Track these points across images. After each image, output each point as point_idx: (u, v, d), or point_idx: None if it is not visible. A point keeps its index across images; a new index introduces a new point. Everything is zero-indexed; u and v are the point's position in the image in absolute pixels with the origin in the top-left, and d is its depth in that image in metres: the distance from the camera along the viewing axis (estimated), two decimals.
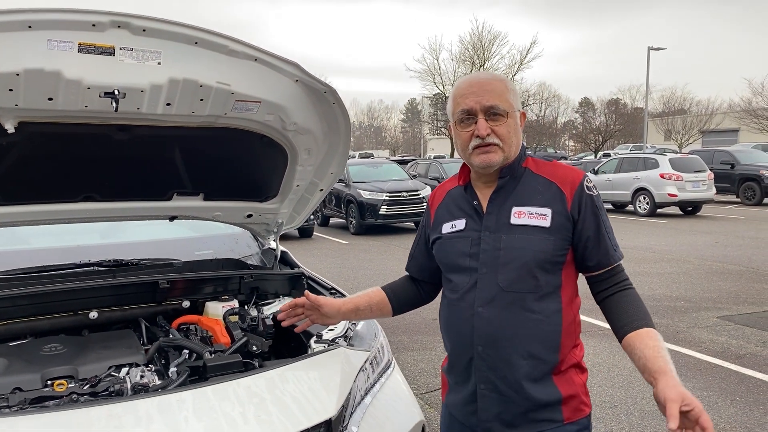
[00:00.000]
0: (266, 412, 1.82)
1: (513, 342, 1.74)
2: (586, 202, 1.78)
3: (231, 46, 2.22)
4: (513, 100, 1.81)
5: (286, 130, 2.59)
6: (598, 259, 1.79)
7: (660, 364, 1.60)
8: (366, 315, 2.10)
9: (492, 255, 1.78)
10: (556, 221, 1.75)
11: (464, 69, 45.93)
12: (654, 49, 35.56)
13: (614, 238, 1.82)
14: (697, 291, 8.28)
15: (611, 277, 1.80)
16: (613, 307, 1.79)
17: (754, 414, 4.41)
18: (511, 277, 1.75)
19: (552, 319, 1.76)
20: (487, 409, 1.80)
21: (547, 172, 1.84)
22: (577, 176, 1.81)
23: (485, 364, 1.78)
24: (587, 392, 1.86)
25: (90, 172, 2.51)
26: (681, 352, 5.76)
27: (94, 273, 2.79)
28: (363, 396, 2.18)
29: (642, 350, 1.66)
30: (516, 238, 1.76)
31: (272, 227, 3.21)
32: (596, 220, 1.78)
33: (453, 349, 1.88)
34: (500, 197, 1.82)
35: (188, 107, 2.31)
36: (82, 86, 2.05)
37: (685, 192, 17.41)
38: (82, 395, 2.08)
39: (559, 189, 1.79)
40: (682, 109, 55.80)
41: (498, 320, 1.75)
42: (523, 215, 1.77)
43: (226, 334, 2.59)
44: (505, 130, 1.78)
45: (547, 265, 1.75)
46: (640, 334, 1.70)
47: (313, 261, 11.03)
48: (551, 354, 1.76)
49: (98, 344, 2.38)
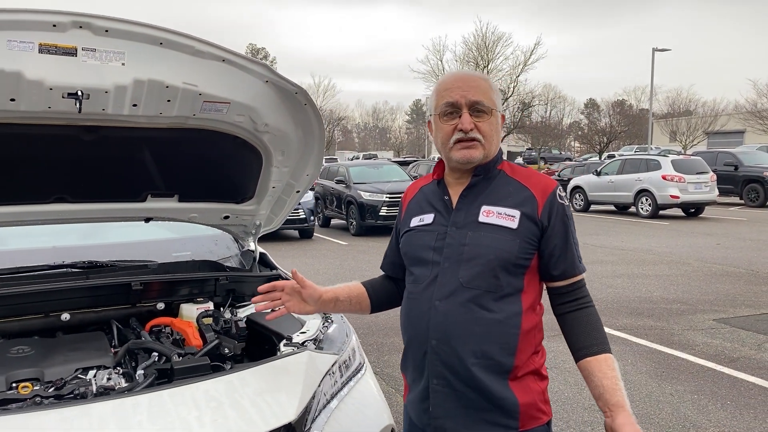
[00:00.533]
0: (223, 417, 1.80)
1: (467, 338, 1.73)
2: (557, 211, 1.78)
3: (197, 47, 2.21)
4: (496, 100, 1.83)
5: (258, 131, 2.57)
6: (563, 268, 1.79)
7: (618, 398, 1.66)
8: (345, 307, 2.06)
9: (456, 250, 1.78)
10: (523, 224, 1.75)
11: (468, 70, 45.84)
12: (659, 50, 35.44)
13: (579, 251, 1.83)
14: (694, 293, 8.23)
15: (573, 291, 1.80)
16: (573, 325, 1.79)
17: (744, 418, 4.36)
18: (472, 273, 1.75)
19: (510, 321, 1.75)
20: (439, 405, 1.78)
21: (522, 177, 1.85)
22: (550, 184, 1.83)
23: (438, 358, 1.76)
24: (547, 400, 1.82)
25: (60, 174, 2.50)
26: (674, 354, 5.72)
27: (68, 275, 2.77)
28: (329, 400, 2.16)
29: (600, 379, 1.70)
30: (482, 235, 1.76)
31: (250, 229, 3.19)
32: (565, 229, 1.79)
33: (409, 342, 1.88)
34: (471, 195, 1.83)
35: (155, 108, 2.29)
36: (44, 87, 2.04)
37: (687, 194, 17.33)
38: (47, 398, 2.06)
39: (531, 194, 1.80)
40: (688, 111, 55.62)
41: (454, 315, 1.75)
42: (492, 214, 1.78)
43: (198, 337, 2.57)
44: (488, 127, 1.79)
45: (510, 266, 1.75)
46: (598, 360, 1.72)
47: (312, 262, 11.02)
48: (506, 356, 1.74)
49: (67, 346, 2.37)
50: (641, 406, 4.56)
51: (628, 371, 5.30)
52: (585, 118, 66.39)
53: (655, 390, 4.87)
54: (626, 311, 7.32)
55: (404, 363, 1.93)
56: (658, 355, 5.74)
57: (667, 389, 4.89)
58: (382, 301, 2.10)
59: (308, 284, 1.99)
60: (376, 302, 2.09)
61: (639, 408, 4.52)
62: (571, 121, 69.42)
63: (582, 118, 67.47)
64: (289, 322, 2.63)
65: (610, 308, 7.46)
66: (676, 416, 4.39)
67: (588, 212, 20.39)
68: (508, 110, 47.63)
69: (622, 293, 8.26)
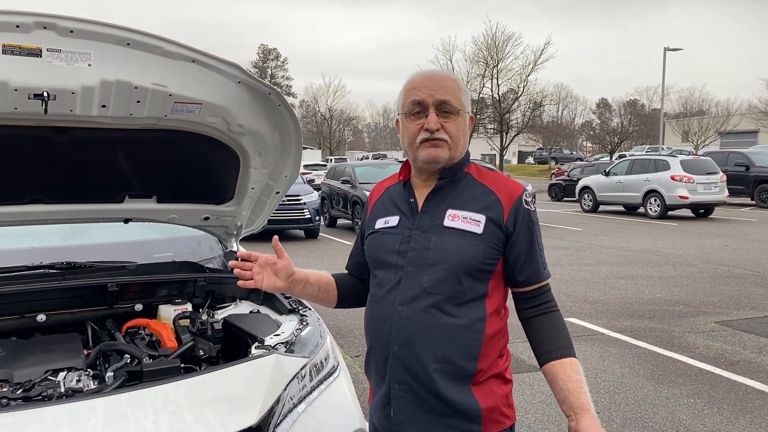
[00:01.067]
0: (181, 421, 1.78)
1: (429, 344, 1.71)
2: (522, 216, 1.76)
3: (165, 47, 2.19)
4: (464, 101, 1.79)
5: (232, 132, 2.55)
6: (528, 274, 1.77)
7: (583, 402, 1.65)
8: (313, 292, 2.01)
9: (420, 254, 1.76)
10: (488, 229, 1.73)
11: (478, 69, 45.74)
12: (670, 49, 35.16)
13: (544, 257, 1.81)
14: (698, 295, 8.14)
15: (538, 296, 1.79)
16: (538, 329, 1.77)
17: (740, 422, 4.30)
18: (436, 278, 1.72)
19: (473, 327, 1.72)
20: (400, 410, 1.76)
21: (488, 181, 1.82)
22: (516, 189, 1.79)
23: (400, 363, 1.74)
24: (510, 404, 1.80)
25: (34, 175, 2.49)
26: (673, 357, 5.65)
27: (45, 275, 2.77)
28: (296, 404, 2.13)
29: (565, 382, 1.68)
30: (446, 240, 1.74)
31: (232, 230, 3.18)
32: (530, 235, 1.77)
33: (371, 347, 1.86)
34: (437, 198, 1.81)
35: (125, 109, 2.28)
36: (9, 88, 2.03)
37: (696, 194, 17.18)
38: (15, 399, 2.05)
39: (497, 198, 1.77)
40: (701, 111, 55.18)
41: (416, 320, 1.72)
42: (457, 219, 1.75)
43: (173, 338, 2.56)
44: (455, 128, 1.76)
45: (474, 272, 1.73)
46: (563, 364, 1.71)
47: (316, 262, 11.00)
48: (468, 362, 1.71)
49: (39, 348, 2.36)
50: (635, 410, 4.50)
51: (626, 374, 5.24)
52: (597, 118, 66.06)
53: (651, 393, 4.81)
54: (627, 313, 7.24)
55: (367, 367, 1.91)
56: (656, 357, 5.68)
57: (664, 392, 4.83)
58: (348, 296, 2.07)
59: (285, 257, 1.94)
60: (342, 296, 2.06)
61: (633, 411, 4.47)
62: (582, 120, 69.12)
63: (594, 118, 67.14)
64: (265, 324, 2.61)
65: (611, 310, 7.39)
66: (670, 420, 4.33)
67: (596, 213, 20.26)
68: (519, 110, 47.51)
69: (625, 295, 8.18)
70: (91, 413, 1.73)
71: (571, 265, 10.27)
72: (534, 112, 48.96)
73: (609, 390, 4.89)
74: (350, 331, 6.36)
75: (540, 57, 44.20)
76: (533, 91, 46.85)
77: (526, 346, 1.79)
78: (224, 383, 1.97)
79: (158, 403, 1.82)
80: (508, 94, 47.11)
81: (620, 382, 5.05)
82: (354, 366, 5.31)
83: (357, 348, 5.83)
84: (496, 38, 44.98)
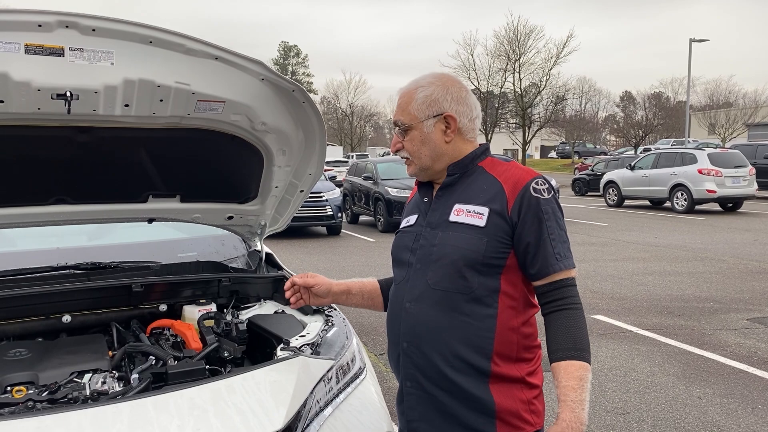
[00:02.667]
0: (207, 425, 1.75)
1: (436, 340, 1.70)
2: (529, 205, 1.68)
3: (188, 45, 2.16)
4: (417, 110, 1.76)
5: (256, 130, 2.52)
6: (539, 266, 1.69)
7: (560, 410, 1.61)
8: (357, 301, 2.09)
9: (426, 251, 1.75)
10: (492, 221, 1.68)
11: (499, 64, 45.45)
12: (696, 41, 34.50)
13: (561, 246, 1.70)
14: (728, 291, 7.97)
15: (552, 291, 1.70)
16: (549, 327, 1.71)
17: None
18: (439, 274, 1.71)
19: (483, 324, 1.68)
20: (412, 408, 1.76)
21: (498, 172, 1.77)
22: (524, 177, 1.72)
23: (410, 361, 1.75)
24: (534, 410, 1.73)
25: (58, 175, 2.48)
26: (704, 356, 5.53)
27: (70, 276, 2.76)
28: (322, 407, 2.09)
29: (557, 387, 1.65)
30: (450, 235, 1.72)
31: (255, 229, 3.14)
32: (539, 224, 1.68)
33: (388, 344, 1.88)
34: (446, 194, 1.80)
35: (148, 108, 2.26)
36: (32, 88, 2.01)
37: (724, 188, 16.89)
38: (40, 402, 2.04)
39: (501, 189, 1.71)
40: (728, 102, 54.22)
41: (423, 317, 1.72)
42: (462, 213, 1.73)
43: (198, 340, 2.53)
44: (409, 144, 1.79)
45: (479, 266, 1.67)
46: (560, 367, 1.65)
47: (338, 259, 10.99)
48: (481, 359, 1.67)
49: (64, 349, 2.34)
50: (667, 410, 4.40)
51: (655, 372, 5.13)
52: (620, 111, 65.25)
53: (682, 393, 4.70)
54: (656, 310, 7.11)
55: (389, 363, 1.92)
56: (687, 356, 5.56)
57: (695, 392, 4.72)
58: None
59: (312, 283, 2.07)
60: (388, 300, 2.02)
61: (664, 412, 4.37)
62: (606, 114, 68.36)
63: (617, 111, 66.33)
64: (290, 325, 2.58)
65: (639, 307, 7.26)
66: (702, 420, 4.22)
67: (622, 207, 20.00)
68: (541, 104, 47.12)
69: (653, 291, 8.04)
70: (116, 418, 1.70)
71: (596, 261, 10.13)
72: (557, 106, 48.54)
73: (639, 389, 4.79)
74: (374, 328, 6.32)
75: (563, 50, 43.83)
76: (556, 85, 46.48)
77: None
78: (250, 387, 1.94)
79: (183, 407, 1.79)
80: (530, 88, 46.77)
81: (650, 381, 4.94)
82: (378, 364, 5.27)
83: (381, 346, 5.79)
84: (518, 31, 44.68)
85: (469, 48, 52.44)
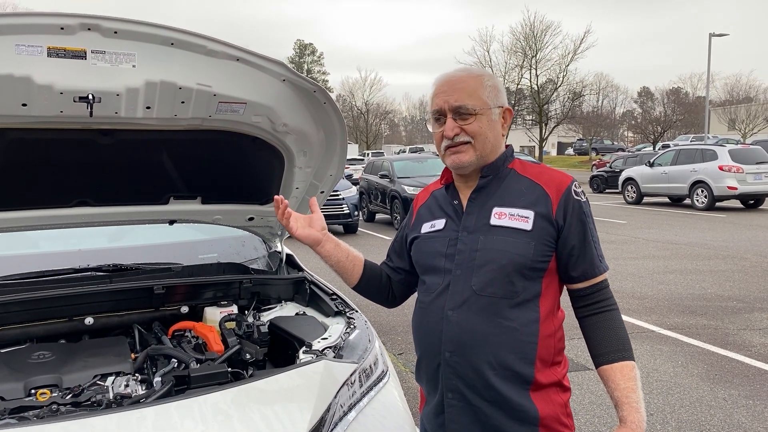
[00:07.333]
0: (231, 430, 1.74)
1: (483, 349, 1.65)
2: (573, 208, 1.67)
3: (210, 46, 2.14)
4: (488, 97, 1.72)
5: (277, 131, 2.50)
6: (583, 269, 1.68)
7: (624, 413, 1.60)
8: (340, 257, 1.97)
9: (468, 256, 1.70)
10: (538, 225, 1.66)
11: (516, 60, 45.21)
12: (716, 35, 34.07)
13: (600, 250, 1.72)
14: (752, 290, 7.85)
15: (594, 293, 1.70)
16: (593, 329, 1.70)
17: None
18: (485, 280, 1.66)
19: (528, 329, 1.65)
20: (454, 420, 1.71)
21: (533, 174, 1.74)
22: (564, 180, 1.71)
23: (453, 371, 1.69)
24: (569, 413, 1.73)
25: (80, 177, 2.48)
26: (728, 356, 5.44)
27: (92, 278, 2.76)
28: (346, 412, 2.07)
29: (613, 390, 1.64)
30: (494, 239, 1.67)
31: (276, 230, 3.13)
32: (583, 227, 1.68)
33: (422, 354, 1.81)
34: (481, 197, 1.75)
35: (170, 110, 2.24)
36: (55, 91, 2.00)
37: (746, 184, 16.65)
38: (64, 405, 2.04)
39: (544, 192, 1.69)
40: (748, 98, 53.52)
41: (468, 325, 1.66)
42: (504, 216, 1.69)
43: (220, 342, 2.52)
44: (477, 126, 1.70)
45: (526, 270, 1.65)
46: (614, 369, 1.65)
47: None
48: (525, 366, 1.64)
49: (87, 352, 2.35)
50: (691, 412, 4.33)
51: (679, 373, 5.06)
52: (638, 107, 64.61)
53: (706, 394, 4.63)
54: (678, 309, 7.02)
55: (418, 375, 1.86)
56: (711, 356, 5.47)
57: (720, 393, 4.64)
58: (370, 280, 2.03)
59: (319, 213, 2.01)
60: (366, 277, 2.01)
61: (688, 413, 4.30)
62: (623, 110, 67.72)
63: (635, 107, 65.68)
64: (312, 327, 2.56)
65: (661, 306, 7.17)
66: (728, 423, 4.15)
67: (641, 204, 19.80)
68: (558, 100, 46.77)
69: (674, 290, 7.93)
70: (140, 423, 1.69)
71: (616, 260, 10.02)
72: (573, 103, 48.18)
73: (662, 390, 4.72)
74: (392, 328, 6.29)
75: (579, 46, 43.48)
76: (572, 81, 46.12)
77: (573, 344, 1.72)
78: (273, 391, 1.93)
79: (207, 411, 1.78)
80: (546, 84, 46.46)
81: (674, 382, 4.87)
82: (397, 364, 5.24)
83: (400, 345, 5.77)
84: (535, 28, 44.40)
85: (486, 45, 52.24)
